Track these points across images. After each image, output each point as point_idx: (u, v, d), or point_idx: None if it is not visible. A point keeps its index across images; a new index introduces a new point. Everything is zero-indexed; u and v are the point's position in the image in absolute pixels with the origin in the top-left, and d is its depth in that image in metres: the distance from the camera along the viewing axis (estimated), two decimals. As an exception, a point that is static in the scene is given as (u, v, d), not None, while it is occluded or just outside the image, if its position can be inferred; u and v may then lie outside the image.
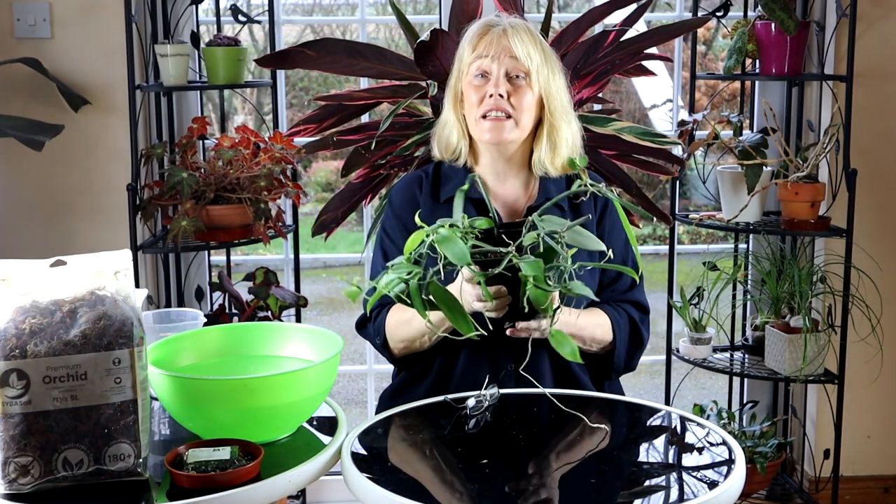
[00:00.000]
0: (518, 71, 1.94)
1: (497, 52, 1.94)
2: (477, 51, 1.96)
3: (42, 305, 1.45)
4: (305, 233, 3.10)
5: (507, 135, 1.95)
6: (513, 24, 1.97)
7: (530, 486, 1.50)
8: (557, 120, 1.99)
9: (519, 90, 1.95)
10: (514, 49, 1.93)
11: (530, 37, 1.96)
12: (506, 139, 1.96)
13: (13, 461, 1.41)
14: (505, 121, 1.94)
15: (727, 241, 3.23)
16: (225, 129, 3.07)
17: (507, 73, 1.95)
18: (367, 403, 3.46)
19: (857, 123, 2.87)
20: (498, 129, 1.95)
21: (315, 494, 3.14)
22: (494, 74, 1.95)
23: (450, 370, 2.00)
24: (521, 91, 1.95)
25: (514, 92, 1.94)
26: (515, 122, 1.95)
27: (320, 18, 7.84)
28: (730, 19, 2.99)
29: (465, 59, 1.99)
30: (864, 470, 3.15)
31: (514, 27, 1.96)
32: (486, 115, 1.95)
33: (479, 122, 1.96)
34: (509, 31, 1.95)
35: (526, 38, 1.95)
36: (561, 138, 2.00)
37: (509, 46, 1.94)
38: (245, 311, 2.79)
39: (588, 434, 1.69)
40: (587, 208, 2.05)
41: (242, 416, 1.55)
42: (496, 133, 1.95)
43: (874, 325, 2.86)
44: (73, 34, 2.86)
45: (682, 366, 3.04)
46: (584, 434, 1.68)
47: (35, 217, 2.92)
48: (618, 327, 2.00)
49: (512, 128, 1.95)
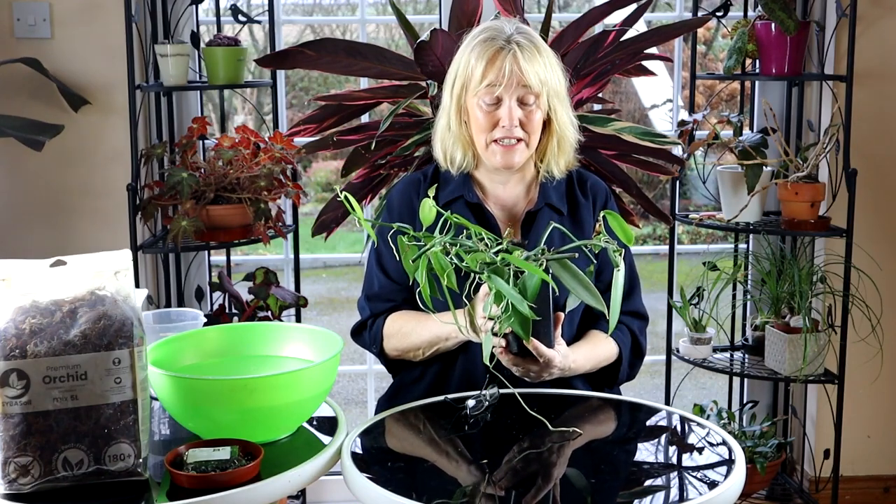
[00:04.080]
0: (529, 97, 1.92)
1: (510, 82, 1.90)
2: (488, 78, 1.91)
3: (42, 305, 1.45)
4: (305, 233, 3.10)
5: (517, 158, 1.95)
6: (520, 44, 1.91)
7: (530, 486, 1.50)
8: (564, 129, 1.99)
9: (530, 115, 1.93)
10: (527, 77, 1.89)
11: (538, 54, 1.92)
12: (517, 163, 1.96)
13: (13, 461, 1.41)
14: (516, 145, 1.94)
15: (727, 241, 3.23)
16: (225, 129, 3.07)
17: (519, 98, 1.92)
18: (367, 403, 3.46)
19: (857, 123, 2.87)
20: (510, 155, 1.94)
21: (315, 494, 3.14)
22: (507, 104, 1.91)
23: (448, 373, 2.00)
24: (532, 115, 1.93)
25: (526, 118, 1.93)
26: (526, 145, 1.95)
27: (320, 18, 7.84)
28: (730, 19, 2.99)
29: (472, 81, 1.93)
30: (864, 470, 3.15)
31: (522, 48, 1.90)
32: (498, 141, 1.94)
33: (489, 146, 1.95)
34: (519, 55, 1.89)
35: (535, 59, 1.91)
36: (567, 143, 2.00)
37: (521, 76, 1.89)
38: (245, 311, 2.79)
39: (588, 434, 1.69)
40: (586, 214, 2.05)
41: (242, 416, 1.55)
42: (508, 158, 1.94)
43: (874, 325, 2.86)
44: (73, 34, 2.86)
45: (682, 366, 3.04)
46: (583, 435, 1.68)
47: (35, 217, 2.92)
48: (623, 346, 2.01)
49: (523, 150, 1.95)
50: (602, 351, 1.99)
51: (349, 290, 6.62)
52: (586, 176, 2.10)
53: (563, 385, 1.98)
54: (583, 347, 1.96)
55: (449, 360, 1.99)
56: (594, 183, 2.10)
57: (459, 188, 2.01)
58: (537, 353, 1.75)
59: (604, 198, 2.08)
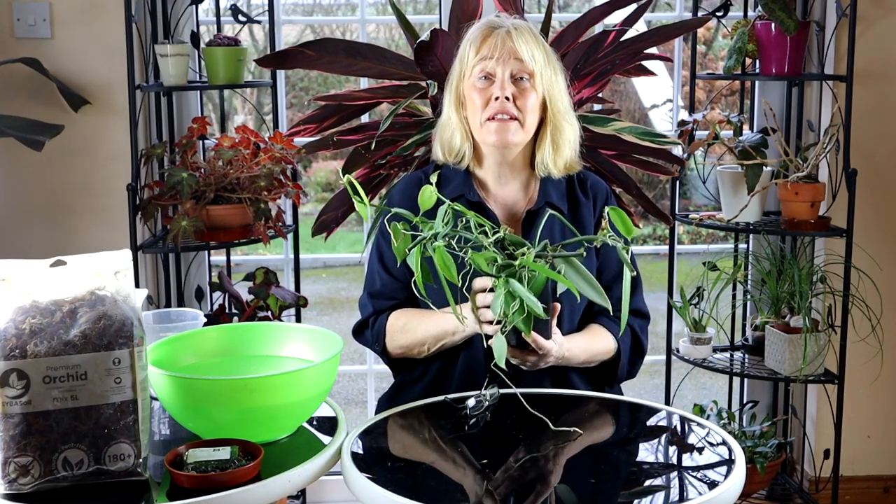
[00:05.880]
0: (523, 73, 1.94)
1: (502, 54, 1.93)
2: (481, 53, 1.94)
3: (42, 305, 1.45)
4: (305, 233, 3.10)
5: (512, 136, 1.95)
6: (516, 26, 1.96)
7: (531, 486, 1.50)
8: (560, 121, 1.99)
9: (524, 92, 1.94)
10: (519, 51, 1.92)
11: (534, 38, 1.95)
12: (511, 141, 1.95)
13: (13, 461, 1.41)
14: (510, 122, 1.94)
15: (727, 241, 3.23)
16: (225, 129, 3.07)
17: (512, 74, 1.94)
18: (367, 403, 3.46)
19: (857, 123, 2.87)
20: (503, 131, 1.94)
21: (315, 494, 3.14)
22: (499, 77, 1.93)
23: (449, 373, 2.00)
24: (526, 93, 1.94)
25: (519, 94, 1.94)
26: (520, 124, 1.95)
27: (320, 18, 7.84)
28: (730, 19, 2.99)
29: (467, 61, 1.97)
30: (864, 470, 3.15)
31: (517, 28, 1.95)
32: (492, 118, 1.94)
33: (484, 124, 1.95)
34: (513, 33, 1.94)
35: (530, 39, 1.94)
36: (564, 139, 2.00)
37: (514, 48, 1.93)
38: (245, 311, 2.79)
39: (588, 434, 1.69)
40: (587, 212, 2.05)
41: (242, 416, 1.55)
42: (502, 135, 1.94)
43: (874, 325, 2.86)
44: (73, 34, 2.86)
45: (682, 366, 3.04)
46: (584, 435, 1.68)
47: (35, 217, 2.92)
48: (622, 342, 2.01)
49: (517, 129, 1.95)
50: (598, 344, 1.99)
51: (349, 290, 6.62)
52: (586, 175, 2.10)
53: (564, 385, 1.98)
54: (578, 338, 1.96)
55: (450, 358, 1.99)
56: (594, 182, 2.10)
57: (460, 187, 2.02)
58: (536, 345, 1.76)
59: (604, 197, 2.08)
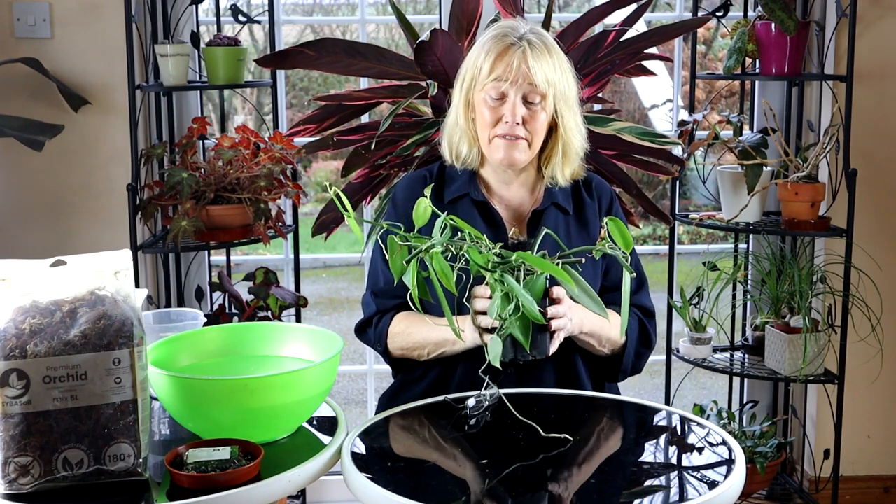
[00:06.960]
0: (535, 96, 1.92)
1: (517, 78, 1.90)
2: (495, 72, 1.92)
3: (42, 305, 1.45)
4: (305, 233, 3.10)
5: (518, 155, 1.95)
6: (532, 43, 1.92)
7: (530, 486, 1.50)
8: (570, 137, 1.99)
9: (534, 115, 1.93)
10: (534, 75, 1.90)
11: (548, 55, 1.92)
12: (518, 160, 1.95)
13: (13, 461, 1.41)
14: (518, 141, 1.94)
15: (727, 241, 3.23)
16: (225, 129, 3.07)
17: (524, 96, 1.92)
18: (367, 403, 3.46)
19: (857, 123, 2.87)
20: (511, 149, 1.94)
21: (315, 494, 3.14)
22: (511, 99, 1.92)
23: (449, 372, 2.00)
24: (536, 115, 1.93)
25: (530, 117, 1.93)
26: (528, 144, 1.95)
27: (320, 18, 7.84)
28: (730, 19, 2.99)
29: (481, 75, 1.94)
30: (864, 470, 3.15)
31: (533, 46, 1.91)
32: (501, 136, 1.94)
33: (492, 141, 1.95)
34: (529, 54, 1.90)
35: (544, 59, 1.91)
36: (573, 151, 2.00)
37: (528, 73, 1.90)
38: (245, 311, 2.79)
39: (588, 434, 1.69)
40: (591, 214, 2.05)
41: (242, 416, 1.55)
42: (509, 153, 1.94)
43: (874, 325, 2.86)
44: (73, 34, 2.86)
45: (682, 366, 3.04)
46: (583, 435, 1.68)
47: (35, 217, 2.92)
48: (628, 331, 2.00)
49: (524, 149, 1.95)
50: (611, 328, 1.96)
51: (349, 290, 6.62)
52: (591, 177, 2.11)
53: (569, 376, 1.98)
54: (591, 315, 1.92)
55: (451, 358, 1.99)
56: (599, 184, 2.11)
57: (465, 186, 2.02)
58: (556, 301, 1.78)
59: (609, 199, 2.09)
